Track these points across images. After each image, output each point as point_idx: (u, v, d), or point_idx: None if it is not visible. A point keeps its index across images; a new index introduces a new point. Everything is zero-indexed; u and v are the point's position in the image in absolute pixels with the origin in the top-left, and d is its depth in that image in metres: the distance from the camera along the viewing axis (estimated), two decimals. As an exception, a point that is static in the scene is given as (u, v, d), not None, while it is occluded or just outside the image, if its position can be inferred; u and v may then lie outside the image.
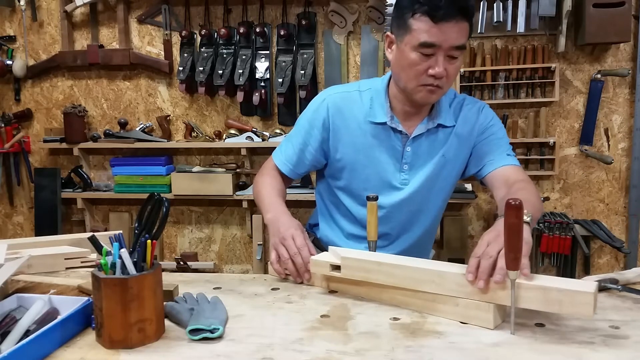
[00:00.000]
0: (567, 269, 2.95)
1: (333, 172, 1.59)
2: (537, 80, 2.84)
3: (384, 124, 1.48)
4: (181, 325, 1.05)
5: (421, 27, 1.30)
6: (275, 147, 1.67)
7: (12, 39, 3.32)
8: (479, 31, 2.75)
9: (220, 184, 3.04)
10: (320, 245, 1.65)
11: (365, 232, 1.37)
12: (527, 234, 1.09)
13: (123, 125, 3.20)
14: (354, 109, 1.51)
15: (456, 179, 1.58)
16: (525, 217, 1.14)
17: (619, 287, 1.18)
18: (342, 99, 1.53)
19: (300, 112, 3.05)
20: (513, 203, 0.95)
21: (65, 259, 1.45)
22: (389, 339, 0.99)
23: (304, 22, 2.97)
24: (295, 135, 1.59)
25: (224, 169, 3.10)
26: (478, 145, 1.53)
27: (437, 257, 2.34)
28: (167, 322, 1.06)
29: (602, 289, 1.19)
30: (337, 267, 1.22)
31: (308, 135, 1.56)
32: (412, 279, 1.11)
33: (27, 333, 0.96)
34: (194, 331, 1.00)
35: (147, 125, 3.23)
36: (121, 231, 1.44)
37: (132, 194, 3.17)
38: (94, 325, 1.01)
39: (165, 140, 3.17)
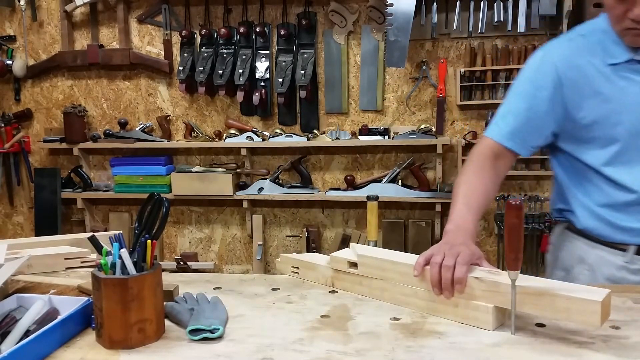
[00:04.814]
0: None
1: (578, 135, 1.34)
2: (538, 80, 2.84)
3: (629, 61, 1.26)
4: (181, 325, 1.05)
5: None
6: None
7: (12, 38, 3.33)
8: (479, 31, 2.75)
9: (220, 184, 3.04)
10: (586, 234, 1.39)
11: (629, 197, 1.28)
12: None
13: (123, 125, 3.20)
14: (586, 55, 1.30)
15: None
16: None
17: None
18: (568, 48, 1.33)
19: (300, 112, 3.08)
20: (513, 203, 0.95)
21: (65, 259, 1.45)
22: (389, 339, 0.99)
23: (304, 22, 2.97)
24: (515, 102, 1.36)
25: (224, 169, 3.10)
26: None
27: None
28: (167, 322, 1.06)
29: None
30: (354, 264, 1.22)
31: (534, 99, 1.33)
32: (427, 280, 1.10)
33: (27, 333, 0.96)
34: (194, 331, 0.99)
35: (147, 125, 3.23)
36: (121, 231, 1.43)
37: (132, 194, 3.17)
38: (94, 326, 1.01)
39: (165, 140, 3.17)
